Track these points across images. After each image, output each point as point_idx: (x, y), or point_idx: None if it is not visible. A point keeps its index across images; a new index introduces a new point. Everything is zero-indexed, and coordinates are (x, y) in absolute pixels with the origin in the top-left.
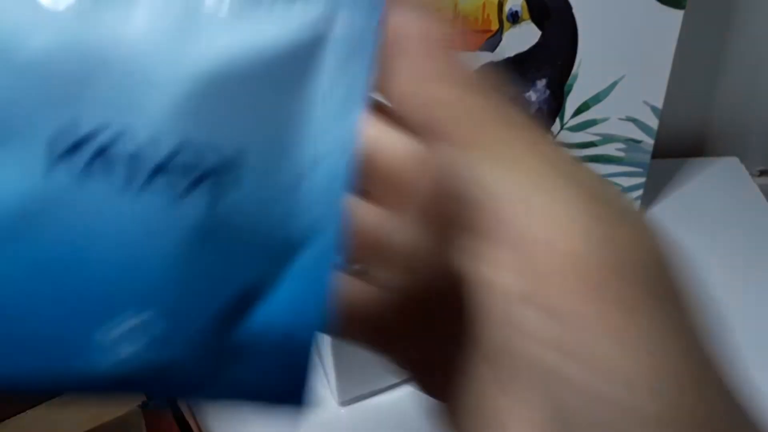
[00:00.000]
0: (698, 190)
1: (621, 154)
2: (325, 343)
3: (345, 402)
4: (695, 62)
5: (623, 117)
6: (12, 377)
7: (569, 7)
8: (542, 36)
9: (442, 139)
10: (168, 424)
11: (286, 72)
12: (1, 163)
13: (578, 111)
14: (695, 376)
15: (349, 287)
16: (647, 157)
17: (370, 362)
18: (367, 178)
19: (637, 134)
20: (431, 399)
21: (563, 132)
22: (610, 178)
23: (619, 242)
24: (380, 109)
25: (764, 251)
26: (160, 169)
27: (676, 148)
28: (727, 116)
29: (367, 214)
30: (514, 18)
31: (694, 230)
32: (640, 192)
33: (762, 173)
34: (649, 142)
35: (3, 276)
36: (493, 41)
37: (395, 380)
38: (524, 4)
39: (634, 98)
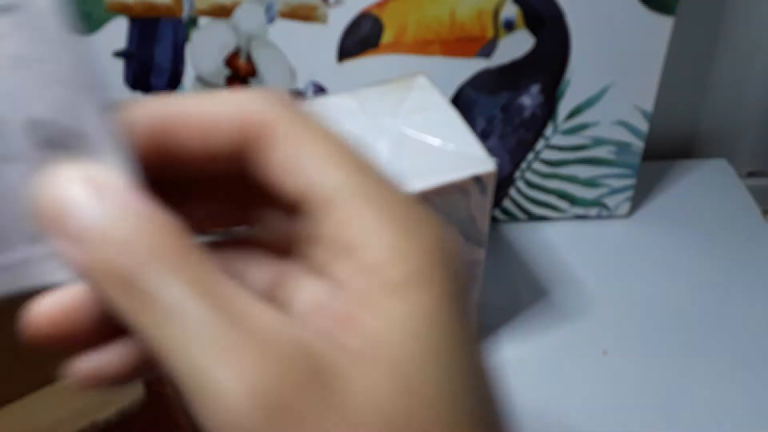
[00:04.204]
0: (687, 191)
1: (612, 156)
2: None
3: None
4: (684, 67)
5: (614, 121)
6: None
7: (562, 15)
8: (536, 43)
9: None
10: (179, 423)
11: None
12: None
13: (571, 115)
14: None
15: None
16: (637, 159)
17: None
18: None
19: (627, 137)
20: None
21: (556, 135)
22: (601, 180)
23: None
24: None
25: (753, 251)
26: None
27: (665, 150)
28: (716, 119)
29: None
30: (509, 26)
31: (683, 231)
32: (630, 193)
33: (750, 174)
34: (639, 144)
35: None
36: (488, 48)
37: None
38: (519, 12)
39: (624, 102)
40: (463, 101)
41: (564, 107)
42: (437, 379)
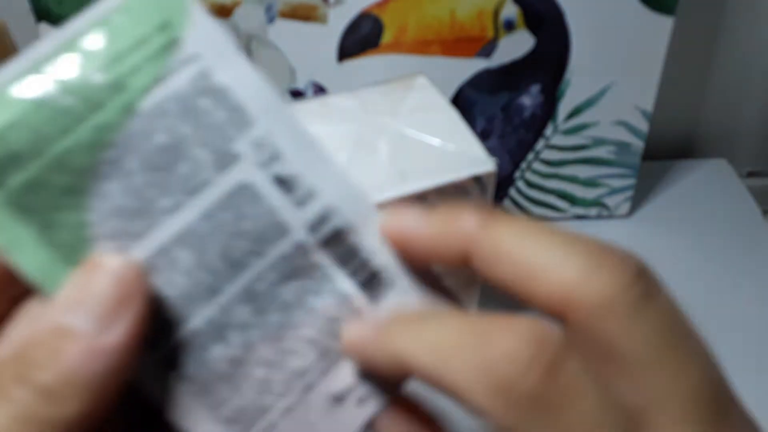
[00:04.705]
0: (687, 191)
1: (612, 156)
2: None
3: None
4: (685, 67)
5: (614, 121)
6: None
7: (562, 15)
8: (536, 43)
9: None
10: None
11: None
12: None
13: (571, 115)
14: None
15: None
16: (637, 159)
17: None
18: None
19: (627, 137)
20: None
21: (556, 135)
22: (601, 180)
23: None
24: None
25: (752, 251)
26: None
27: (665, 150)
28: (716, 119)
29: None
30: (509, 26)
31: (683, 231)
32: (630, 193)
33: (750, 174)
34: (639, 144)
35: None
36: (488, 48)
37: None
38: (519, 12)
39: (624, 102)
40: (463, 101)
41: (564, 107)
42: None
